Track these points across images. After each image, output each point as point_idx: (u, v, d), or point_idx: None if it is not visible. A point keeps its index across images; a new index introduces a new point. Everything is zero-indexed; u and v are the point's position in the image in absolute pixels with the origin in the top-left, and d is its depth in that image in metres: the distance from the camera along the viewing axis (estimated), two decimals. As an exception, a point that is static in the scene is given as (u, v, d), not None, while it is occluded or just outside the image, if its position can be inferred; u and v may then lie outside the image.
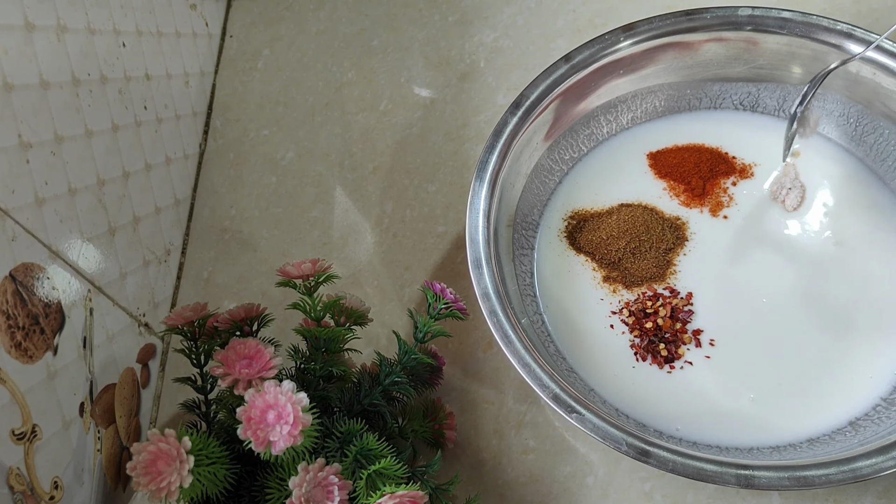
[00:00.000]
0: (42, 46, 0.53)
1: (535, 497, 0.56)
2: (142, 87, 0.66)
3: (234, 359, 0.49)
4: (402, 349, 0.55)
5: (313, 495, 0.47)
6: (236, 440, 0.46)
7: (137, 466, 0.45)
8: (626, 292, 0.59)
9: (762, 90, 0.63)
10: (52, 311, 0.52)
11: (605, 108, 0.64)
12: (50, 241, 0.53)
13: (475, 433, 0.59)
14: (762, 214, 0.60)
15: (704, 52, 0.62)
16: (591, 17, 0.72)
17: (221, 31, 0.81)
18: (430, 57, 0.75)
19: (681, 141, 0.64)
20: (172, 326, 0.54)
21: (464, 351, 0.62)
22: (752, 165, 0.62)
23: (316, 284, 0.54)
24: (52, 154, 0.54)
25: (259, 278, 0.69)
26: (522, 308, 0.57)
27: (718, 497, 0.54)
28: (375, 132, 0.73)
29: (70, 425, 0.52)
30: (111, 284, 0.60)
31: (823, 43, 0.58)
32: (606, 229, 0.61)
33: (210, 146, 0.76)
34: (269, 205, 0.72)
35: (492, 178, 0.58)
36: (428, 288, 0.56)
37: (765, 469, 0.47)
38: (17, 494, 0.46)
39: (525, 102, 0.60)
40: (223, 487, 0.48)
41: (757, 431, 0.53)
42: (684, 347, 0.56)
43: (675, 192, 0.62)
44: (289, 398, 0.46)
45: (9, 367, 0.46)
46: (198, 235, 0.72)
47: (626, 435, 0.49)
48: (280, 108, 0.76)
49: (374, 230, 0.68)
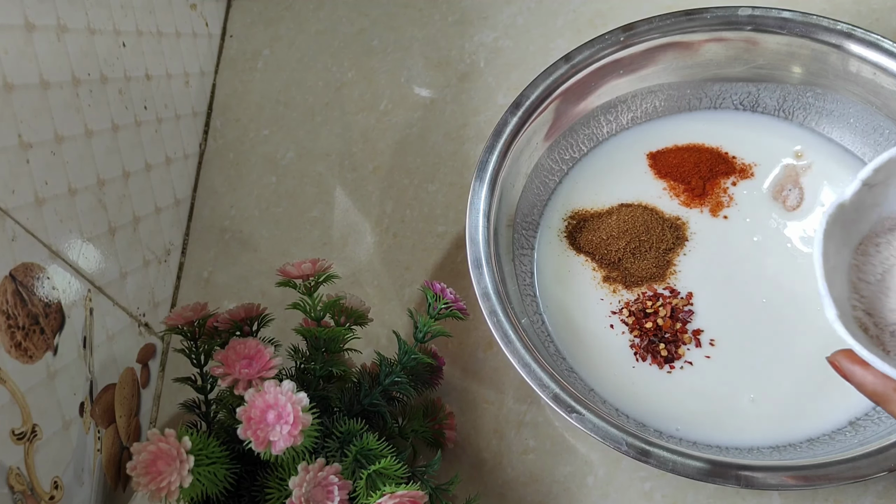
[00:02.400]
0: (42, 46, 0.53)
1: (535, 497, 0.56)
2: (142, 87, 0.66)
3: (234, 359, 0.49)
4: (402, 349, 0.55)
5: (313, 495, 0.47)
6: (236, 440, 0.46)
7: (137, 466, 0.45)
8: (626, 292, 0.59)
9: (762, 90, 0.63)
10: (52, 310, 0.52)
11: (605, 108, 0.64)
12: (50, 241, 0.53)
13: (475, 433, 0.59)
14: (762, 214, 0.60)
15: (704, 52, 0.62)
16: (591, 17, 0.72)
17: (221, 31, 0.81)
18: (430, 57, 0.75)
19: (681, 141, 0.64)
20: (172, 326, 0.54)
21: (464, 351, 0.62)
22: (752, 165, 0.62)
23: (316, 284, 0.54)
24: (52, 154, 0.54)
25: (259, 278, 0.69)
26: (522, 308, 0.57)
27: (718, 497, 0.54)
28: (375, 132, 0.73)
29: (70, 425, 0.52)
30: (111, 284, 0.60)
31: (823, 43, 0.58)
32: (606, 229, 0.61)
33: (210, 146, 0.76)
34: (269, 205, 0.72)
35: (492, 178, 0.58)
36: (428, 288, 0.56)
37: (765, 469, 0.47)
38: (17, 494, 0.46)
39: (525, 102, 0.60)
40: (223, 487, 0.48)
41: (757, 431, 0.53)
42: (684, 347, 0.56)
43: (675, 192, 0.62)
44: (289, 398, 0.46)
45: (9, 367, 0.46)
46: (198, 235, 0.72)
47: (626, 435, 0.49)
48: (280, 108, 0.76)
49: (374, 230, 0.68)
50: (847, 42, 0.57)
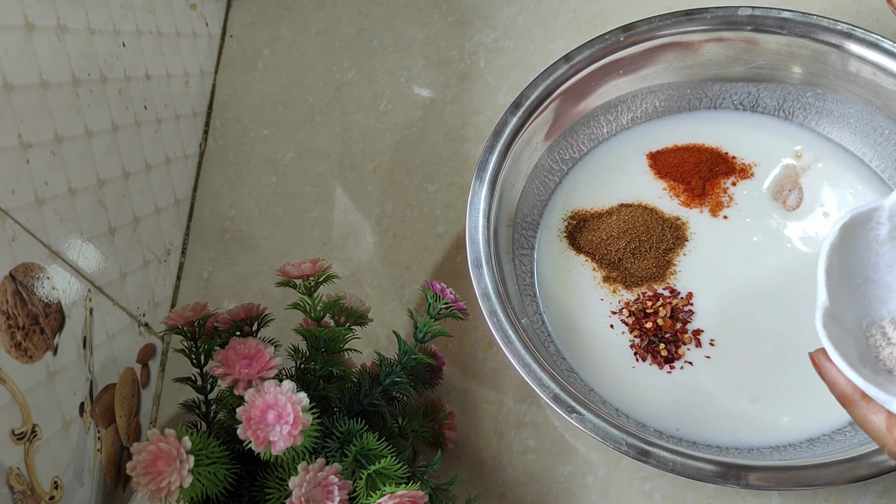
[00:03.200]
0: (42, 46, 0.53)
1: (535, 497, 0.56)
2: (142, 87, 0.66)
3: (234, 359, 0.49)
4: (402, 349, 0.55)
5: (313, 495, 0.47)
6: (236, 440, 0.46)
7: (137, 466, 0.45)
8: (626, 292, 0.59)
9: (762, 90, 0.63)
10: (52, 311, 0.52)
11: (605, 108, 0.64)
12: (50, 241, 0.53)
13: (475, 433, 0.59)
14: (762, 214, 0.60)
15: (704, 52, 0.62)
16: (591, 17, 0.72)
17: (221, 31, 0.81)
18: (430, 57, 0.75)
19: (681, 141, 0.64)
20: (172, 326, 0.54)
21: (464, 351, 0.62)
22: (752, 165, 0.62)
23: (316, 284, 0.54)
24: (52, 154, 0.54)
25: (259, 278, 0.69)
26: (522, 308, 0.57)
27: (718, 497, 0.54)
28: (375, 132, 0.73)
29: (70, 425, 0.52)
30: (111, 284, 0.60)
31: (823, 43, 0.58)
32: (606, 229, 0.61)
33: (210, 146, 0.76)
34: (269, 205, 0.72)
35: (492, 178, 0.58)
36: (428, 288, 0.56)
37: (765, 469, 0.47)
38: (17, 494, 0.46)
39: (525, 102, 0.60)
40: (223, 487, 0.48)
41: (757, 431, 0.53)
42: (684, 347, 0.56)
43: (675, 192, 0.62)
44: (289, 398, 0.46)
45: (9, 367, 0.46)
46: (198, 235, 0.72)
47: (626, 435, 0.49)
48: (280, 108, 0.76)
49: (374, 230, 0.68)
50: (847, 42, 0.57)
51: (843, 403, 0.41)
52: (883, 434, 0.39)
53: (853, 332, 0.43)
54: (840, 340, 0.41)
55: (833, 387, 0.41)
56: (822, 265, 0.42)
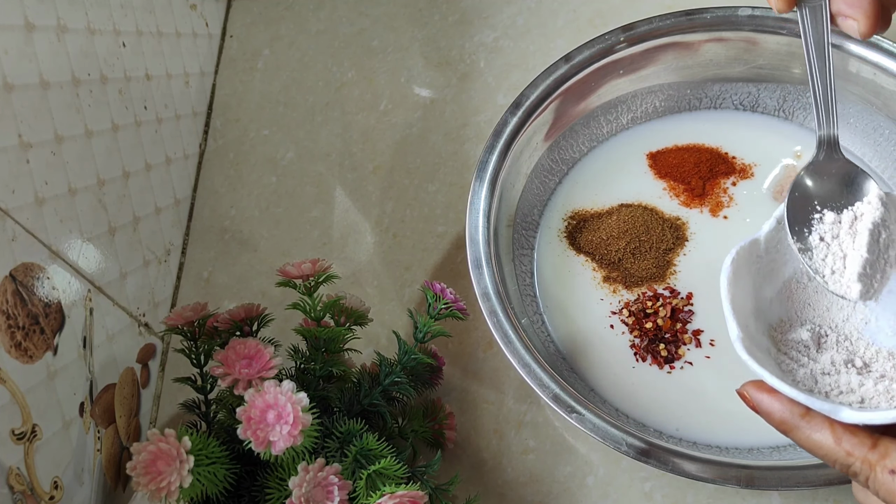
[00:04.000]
0: (42, 46, 0.53)
1: (535, 497, 0.56)
2: (142, 87, 0.66)
3: (234, 359, 0.49)
4: (402, 349, 0.55)
5: (313, 495, 0.47)
6: (236, 440, 0.46)
7: (137, 466, 0.45)
8: (626, 292, 0.59)
9: (762, 90, 0.63)
10: (52, 310, 0.52)
11: (605, 108, 0.64)
12: (50, 241, 0.53)
13: (475, 433, 0.59)
14: (762, 214, 0.60)
15: (704, 52, 0.62)
16: (591, 17, 0.72)
17: (221, 31, 0.81)
18: (430, 57, 0.75)
19: (681, 141, 0.64)
20: (172, 326, 0.54)
21: (464, 351, 0.62)
22: (752, 165, 0.62)
23: (316, 284, 0.54)
24: (52, 154, 0.54)
25: (259, 278, 0.69)
26: (522, 308, 0.57)
27: (718, 497, 0.54)
28: (375, 132, 0.73)
29: (70, 425, 0.52)
30: (111, 284, 0.60)
31: (823, 43, 0.58)
32: (606, 229, 0.61)
33: (210, 146, 0.76)
34: (269, 205, 0.72)
35: (492, 178, 0.58)
36: (428, 288, 0.56)
37: (765, 469, 0.47)
38: (17, 494, 0.46)
39: (525, 102, 0.60)
40: (223, 487, 0.48)
41: (757, 431, 0.53)
42: (684, 347, 0.56)
43: (675, 192, 0.62)
44: (289, 398, 0.46)
45: (9, 367, 0.46)
46: (198, 235, 0.72)
47: (626, 435, 0.49)
48: (280, 108, 0.76)
49: (374, 230, 0.68)
50: (847, 42, 0.57)
51: (783, 431, 0.39)
52: (833, 449, 0.37)
53: (772, 357, 0.43)
54: (765, 366, 0.41)
55: (770, 417, 0.40)
56: (725, 299, 0.43)
